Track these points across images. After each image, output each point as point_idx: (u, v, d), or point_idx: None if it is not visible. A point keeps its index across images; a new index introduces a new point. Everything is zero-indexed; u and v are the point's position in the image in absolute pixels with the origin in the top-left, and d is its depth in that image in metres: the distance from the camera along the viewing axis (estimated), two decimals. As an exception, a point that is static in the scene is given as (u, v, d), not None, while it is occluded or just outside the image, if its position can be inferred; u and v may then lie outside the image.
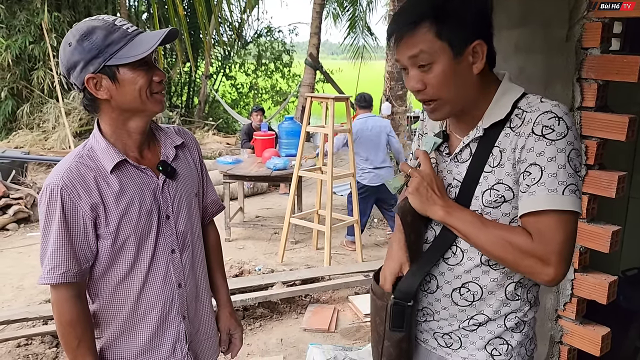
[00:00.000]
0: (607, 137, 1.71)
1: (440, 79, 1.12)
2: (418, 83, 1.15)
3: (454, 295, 1.23)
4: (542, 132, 1.08)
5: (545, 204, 1.06)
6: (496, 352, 1.22)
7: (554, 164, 1.07)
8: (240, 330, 1.72)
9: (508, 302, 1.21)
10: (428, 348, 1.31)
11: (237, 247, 5.38)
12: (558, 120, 1.07)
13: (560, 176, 1.06)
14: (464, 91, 1.15)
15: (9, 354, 3.19)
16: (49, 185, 1.28)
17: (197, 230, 1.53)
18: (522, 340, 1.23)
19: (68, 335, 1.33)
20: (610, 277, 1.78)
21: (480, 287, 1.20)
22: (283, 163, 5.32)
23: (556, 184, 1.06)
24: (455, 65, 1.11)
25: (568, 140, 1.07)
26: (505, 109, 1.14)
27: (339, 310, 3.88)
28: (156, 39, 1.27)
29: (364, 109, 5.23)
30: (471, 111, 1.19)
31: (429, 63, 1.11)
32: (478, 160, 1.17)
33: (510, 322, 1.22)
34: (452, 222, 1.16)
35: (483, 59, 1.12)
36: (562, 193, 1.06)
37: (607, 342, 1.81)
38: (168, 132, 1.49)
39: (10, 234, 5.73)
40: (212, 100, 14.20)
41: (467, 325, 1.23)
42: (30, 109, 10.36)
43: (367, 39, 17.39)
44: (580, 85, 1.76)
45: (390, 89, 6.35)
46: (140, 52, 1.25)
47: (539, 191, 1.07)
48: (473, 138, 1.18)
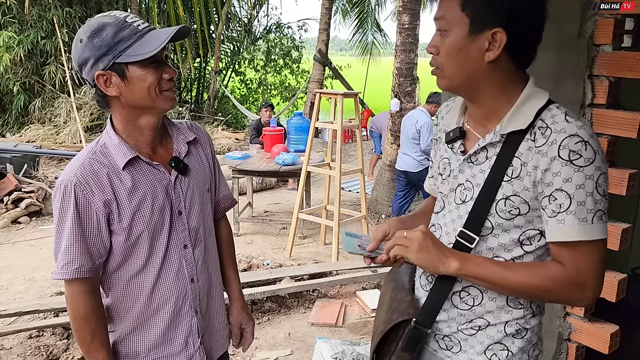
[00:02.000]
0: (619, 134, 1.69)
1: (448, 49, 1.12)
2: (433, 47, 1.15)
3: (454, 299, 1.22)
4: (570, 158, 1.05)
5: (577, 234, 1.06)
6: (496, 358, 1.20)
7: (583, 192, 1.05)
8: (252, 324, 1.74)
9: (510, 309, 1.19)
10: (429, 350, 1.29)
11: (246, 241, 5.41)
12: (585, 145, 1.04)
13: (589, 204, 1.05)
14: (468, 74, 1.12)
15: (20, 345, 3.23)
16: (63, 182, 1.29)
17: (209, 226, 1.54)
18: (523, 346, 1.20)
19: (82, 330, 1.34)
20: (619, 275, 1.78)
21: (480, 292, 1.19)
22: (292, 158, 5.34)
23: (585, 213, 1.06)
24: (467, 41, 1.10)
25: (596, 166, 1.05)
26: (528, 119, 1.11)
27: (347, 305, 3.90)
28: (165, 36, 1.27)
29: (428, 103, 5.40)
30: (487, 105, 1.17)
31: (446, 30, 1.11)
32: (498, 168, 1.14)
33: (510, 328, 1.19)
34: (471, 271, 1.14)
35: (499, 50, 1.09)
36: (592, 221, 1.06)
37: (616, 340, 1.80)
38: (180, 127, 1.49)
39: (22, 227, 5.80)
40: (222, 95, 14.23)
41: (466, 328, 1.21)
42: (42, 104, 10.45)
43: (375, 35, 17.36)
44: (592, 82, 1.75)
45: (399, 85, 6.32)
46: (149, 50, 1.25)
47: (569, 220, 1.06)
48: (490, 142, 1.15)
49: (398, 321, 1.24)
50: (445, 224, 1.25)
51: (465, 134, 1.24)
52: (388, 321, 1.27)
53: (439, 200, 1.29)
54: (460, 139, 1.24)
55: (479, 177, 1.17)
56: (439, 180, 1.30)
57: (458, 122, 1.27)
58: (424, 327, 1.23)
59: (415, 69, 6.41)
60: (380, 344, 1.29)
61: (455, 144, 1.25)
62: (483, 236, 1.16)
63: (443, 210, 1.27)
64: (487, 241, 1.17)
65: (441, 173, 1.29)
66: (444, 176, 1.28)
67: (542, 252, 1.16)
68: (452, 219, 1.23)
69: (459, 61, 1.12)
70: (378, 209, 6.52)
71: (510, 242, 1.15)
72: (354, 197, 7.06)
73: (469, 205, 1.18)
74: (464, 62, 1.11)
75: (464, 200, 1.20)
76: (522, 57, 1.14)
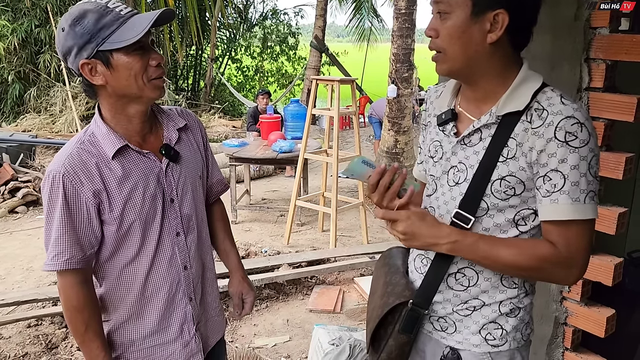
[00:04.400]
0: (615, 118, 1.69)
1: (450, 32, 1.11)
2: (432, 30, 1.14)
3: (449, 280, 1.23)
4: (566, 139, 1.06)
5: (570, 214, 1.08)
6: (490, 337, 1.22)
7: (577, 173, 1.07)
8: (253, 294, 1.72)
9: (504, 289, 1.20)
10: (424, 332, 1.30)
11: (244, 229, 5.41)
12: (581, 126, 1.06)
13: (582, 184, 1.08)
14: (470, 56, 1.12)
15: (19, 334, 3.24)
16: (51, 172, 1.27)
17: (202, 212, 1.53)
18: (517, 325, 1.22)
19: (75, 321, 1.34)
20: (616, 259, 1.78)
21: (476, 273, 1.20)
22: (289, 146, 5.32)
23: (578, 193, 1.08)
24: (470, 23, 1.09)
25: (590, 148, 1.07)
26: (524, 100, 1.11)
27: (345, 292, 3.91)
28: (148, 20, 1.23)
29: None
30: (484, 87, 1.17)
31: (448, 12, 1.11)
32: (493, 149, 1.14)
33: (505, 307, 1.21)
34: (463, 250, 1.15)
35: (501, 31, 1.09)
36: (584, 201, 1.08)
37: (612, 324, 1.81)
38: (170, 114, 1.47)
39: (19, 216, 5.79)
40: (218, 83, 14.16)
41: (461, 309, 1.23)
42: (37, 93, 10.38)
43: (372, 21, 17.23)
44: (589, 66, 1.74)
45: (396, 71, 6.28)
46: (132, 36, 1.21)
47: (562, 200, 1.08)
48: (485, 123, 1.16)
49: (395, 304, 1.25)
50: (438, 206, 1.25)
51: (458, 116, 1.25)
52: (384, 305, 1.27)
53: (431, 183, 1.30)
54: (453, 121, 1.24)
55: (473, 159, 1.18)
56: (430, 164, 1.30)
57: (450, 104, 1.27)
58: (421, 308, 1.24)
59: (412, 54, 6.36)
60: (377, 328, 1.30)
61: (447, 126, 1.25)
62: (478, 217, 1.17)
63: (436, 193, 1.27)
64: (482, 222, 1.18)
65: (432, 156, 1.29)
66: (435, 159, 1.28)
67: (536, 232, 1.18)
68: (445, 201, 1.24)
69: (461, 43, 1.11)
70: (376, 196, 6.50)
71: (506, 222, 1.16)
72: (351, 184, 7.05)
73: (462, 187, 1.19)
74: (467, 44, 1.11)
75: (457, 182, 1.20)
76: (520, 39, 1.15)
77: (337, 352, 2.55)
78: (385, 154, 6.48)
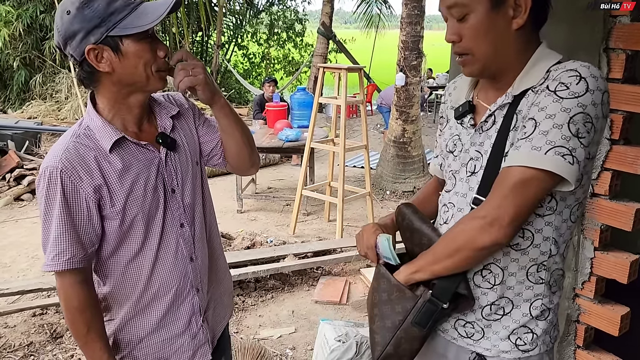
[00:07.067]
0: (635, 110, 1.62)
1: (475, 31, 1.06)
2: (453, 35, 1.09)
3: (476, 278, 1.16)
4: (555, 89, 1.00)
5: (521, 160, 1.00)
6: (520, 342, 1.16)
7: (550, 122, 0.99)
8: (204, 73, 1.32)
9: (531, 285, 1.14)
10: (447, 338, 1.24)
11: (249, 218, 5.39)
12: (579, 79, 0.98)
13: (551, 135, 0.98)
14: (499, 48, 1.07)
15: (24, 323, 3.24)
16: (47, 168, 1.21)
17: (208, 200, 1.49)
18: (546, 328, 1.17)
19: (77, 322, 1.29)
20: (632, 256, 1.73)
21: (501, 269, 1.14)
22: (295, 134, 5.28)
23: (542, 142, 0.99)
24: (492, 16, 1.04)
25: (579, 102, 0.97)
26: (539, 75, 1.06)
27: (351, 283, 3.88)
28: (164, 8, 1.18)
29: None
30: (505, 74, 1.11)
31: (466, 13, 1.05)
32: (504, 129, 1.09)
33: (535, 310, 1.15)
34: (419, 277, 1.16)
35: (525, 13, 1.04)
36: (545, 153, 0.98)
37: (626, 322, 1.76)
38: (162, 102, 1.42)
39: (25, 204, 5.79)
40: (224, 70, 14.08)
41: (490, 313, 1.16)
42: (42, 79, 10.38)
43: (381, 7, 17.05)
44: (608, 56, 1.67)
45: (405, 59, 6.18)
46: (147, 22, 1.17)
47: (523, 147, 1.01)
48: (500, 105, 1.11)
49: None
50: (457, 200, 1.21)
51: (475, 107, 1.20)
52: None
53: (450, 178, 1.25)
54: (470, 113, 1.20)
55: (487, 144, 1.14)
56: (450, 159, 1.25)
57: (467, 96, 1.23)
58: (440, 301, 1.14)
59: (421, 42, 6.25)
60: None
61: (465, 118, 1.21)
62: None
63: (455, 188, 1.23)
64: None
65: (451, 150, 1.25)
66: (455, 153, 1.24)
67: (550, 213, 1.09)
68: (463, 194, 1.19)
69: (489, 39, 1.06)
70: (383, 185, 6.46)
71: None
72: (358, 173, 7.00)
73: (479, 175, 1.14)
74: (494, 38, 1.07)
75: (473, 172, 1.16)
76: (542, 15, 1.09)
77: (344, 349, 2.52)
78: (392, 143, 6.41)
